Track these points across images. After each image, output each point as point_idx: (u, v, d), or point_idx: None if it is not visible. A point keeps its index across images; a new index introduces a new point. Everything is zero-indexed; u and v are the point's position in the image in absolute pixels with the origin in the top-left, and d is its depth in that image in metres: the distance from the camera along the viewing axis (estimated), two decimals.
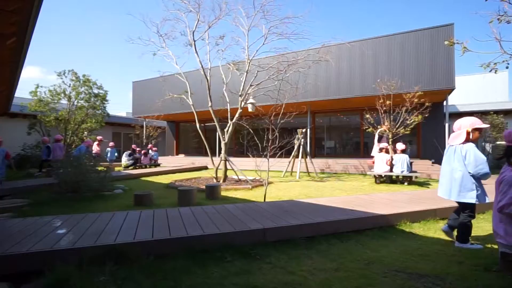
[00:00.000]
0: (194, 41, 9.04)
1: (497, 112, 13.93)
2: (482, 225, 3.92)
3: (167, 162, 16.47)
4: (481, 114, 14.11)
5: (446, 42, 4.23)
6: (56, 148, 10.17)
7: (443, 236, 3.47)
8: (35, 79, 70.25)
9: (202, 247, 2.91)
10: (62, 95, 12.46)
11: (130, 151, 14.42)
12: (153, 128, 17.36)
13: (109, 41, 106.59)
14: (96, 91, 13.14)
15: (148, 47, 15.73)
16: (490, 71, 3.76)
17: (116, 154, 14.35)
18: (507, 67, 3.73)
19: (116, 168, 13.24)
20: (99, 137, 12.53)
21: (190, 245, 2.90)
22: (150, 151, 14.81)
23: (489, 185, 3.01)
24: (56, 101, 12.46)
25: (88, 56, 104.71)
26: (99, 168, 6.87)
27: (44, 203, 5.57)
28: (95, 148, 11.81)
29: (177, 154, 20.16)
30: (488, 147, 14.49)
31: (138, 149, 14.98)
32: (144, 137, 17.29)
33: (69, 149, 11.91)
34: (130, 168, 13.40)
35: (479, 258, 2.76)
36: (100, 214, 3.99)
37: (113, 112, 19.83)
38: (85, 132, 13.45)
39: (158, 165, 15.00)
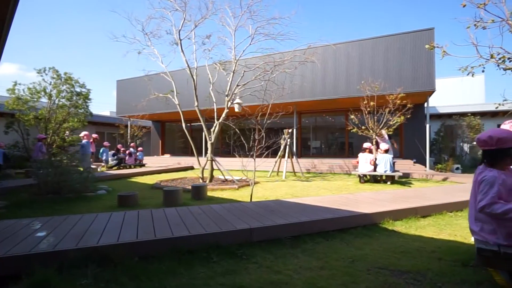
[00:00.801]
0: (180, 40, 8.95)
1: (474, 114, 14.52)
2: (460, 222, 4.08)
3: (152, 162, 16.22)
4: (460, 116, 14.71)
5: (427, 46, 4.39)
6: (36, 148, 9.82)
7: (424, 234, 3.59)
8: (13, 76, 67.64)
9: (188, 248, 2.88)
10: (42, 93, 12.01)
11: (114, 151, 14.11)
12: (138, 127, 17.04)
13: (92, 39, 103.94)
14: (78, 89, 12.75)
15: (133, 46, 15.42)
16: (468, 74, 3.93)
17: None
18: (483, 71, 3.91)
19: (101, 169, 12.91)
20: (94, 135, 12.15)
21: (175, 246, 2.87)
22: (131, 149, 14.54)
23: (467, 184, 3.12)
24: (35, 99, 12.00)
25: (70, 53, 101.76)
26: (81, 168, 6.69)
27: (23, 205, 5.36)
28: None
29: (162, 154, 19.89)
30: (466, 147, 15.08)
31: (122, 149, 14.68)
32: (128, 136, 16.96)
33: (50, 149, 11.51)
34: (114, 168, 13.11)
35: (457, 254, 2.87)
36: (83, 216, 3.89)
37: (96, 111, 19.35)
38: (67, 132, 13.02)
39: (143, 165, 14.74)
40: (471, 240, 3.11)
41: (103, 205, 5.43)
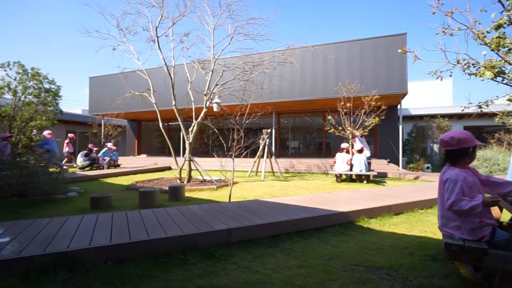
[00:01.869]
0: (157, 37, 8.73)
1: (443, 116, 15.32)
2: (430, 219, 4.28)
3: (128, 162, 15.72)
4: (430, 117, 15.47)
5: (399, 50, 4.57)
6: (0, 148, 9.20)
7: (397, 230, 3.74)
8: None
9: (165, 250, 2.81)
10: (6, 89, 11.27)
11: (86, 151, 13.51)
12: (112, 126, 16.43)
13: (64, 32, 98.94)
14: (47, 86, 12.07)
15: (107, 41, 14.87)
16: (437, 78, 4.14)
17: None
18: (450, 75, 4.13)
19: (70, 170, 12.32)
20: (70, 135, 11.52)
21: (151, 249, 2.79)
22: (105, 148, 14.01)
23: (436, 182, 3.28)
24: None
25: (39, 48, 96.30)
26: (51, 170, 6.33)
27: None
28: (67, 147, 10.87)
29: (138, 154, 19.32)
30: (435, 147, 15.87)
31: (95, 148, 14.09)
32: (102, 136, 16.32)
33: (15, 148, 10.82)
34: (86, 169, 12.57)
35: (427, 249, 3.02)
36: (51, 219, 3.68)
37: (67, 109, 18.43)
38: (34, 131, 12.29)
39: (118, 165, 14.24)
40: (440, 235, 3.27)
41: (74, 207, 5.17)
